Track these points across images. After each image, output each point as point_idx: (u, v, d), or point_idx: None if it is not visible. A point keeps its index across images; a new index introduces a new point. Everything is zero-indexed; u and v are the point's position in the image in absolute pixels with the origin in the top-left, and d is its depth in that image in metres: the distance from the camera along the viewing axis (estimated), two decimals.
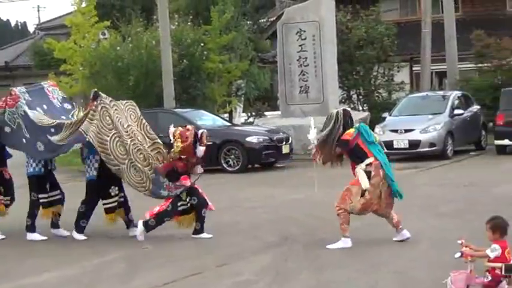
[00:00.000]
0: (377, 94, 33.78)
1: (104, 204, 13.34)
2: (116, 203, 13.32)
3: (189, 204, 12.42)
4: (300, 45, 27.25)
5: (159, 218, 12.42)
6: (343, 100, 31.79)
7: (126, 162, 12.37)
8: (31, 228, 13.45)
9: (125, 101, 13.88)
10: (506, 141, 24.91)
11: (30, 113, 12.92)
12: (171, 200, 12.38)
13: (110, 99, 13.13)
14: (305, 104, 27.09)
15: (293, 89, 27.31)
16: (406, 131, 24.57)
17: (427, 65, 31.47)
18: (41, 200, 13.49)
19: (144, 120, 13.38)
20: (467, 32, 32.20)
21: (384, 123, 25.73)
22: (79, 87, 33.22)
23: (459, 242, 7.90)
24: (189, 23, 32.98)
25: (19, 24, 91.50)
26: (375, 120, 27.42)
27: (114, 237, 13.42)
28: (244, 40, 34.50)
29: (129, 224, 13.39)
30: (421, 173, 18.62)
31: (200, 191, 12.58)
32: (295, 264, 10.40)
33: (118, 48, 30.51)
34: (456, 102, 26.33)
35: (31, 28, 65.12)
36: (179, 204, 12.39)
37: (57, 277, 10.53)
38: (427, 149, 24.14)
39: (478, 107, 27.39)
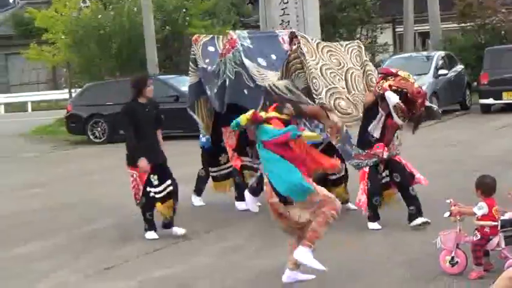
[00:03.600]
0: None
1: (212, 172, 12.32)
2: (226, 171, 12.18)
3: (388, 178, 10.04)
4: (282, 9, 26.94)
5: (370, 205, 9.72)
6: None
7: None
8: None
9: (348, 42, 11.45)
10: (490, 100, 24.94)
11: (247, 62, 10.78)
12: (366, 175, 9.80)
13: (309, 41, 10.65)
14: None
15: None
16: None
17: (410, 26, 31.44)
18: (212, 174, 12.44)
19: (368, 66, 10.85)
20: None
21: None
22: (62, 56, 33.26)
23: (447, 201, 8.02)
24: None
25: None
26: None
27: (105, 206, 12.70)
28: (226, 5, 34.57)
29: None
30: (406, 134, 18.65)
31: (404, 162, 10.03)
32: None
33: (100, 16, 30.41)
34: (440, 62, 26.18)
35: None
36: (379, 177, 9.93)
37: (48, 246, 10.31)
38: None
39: (462, 66, 27.36)
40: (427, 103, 10.04)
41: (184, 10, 30.96)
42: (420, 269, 8.26)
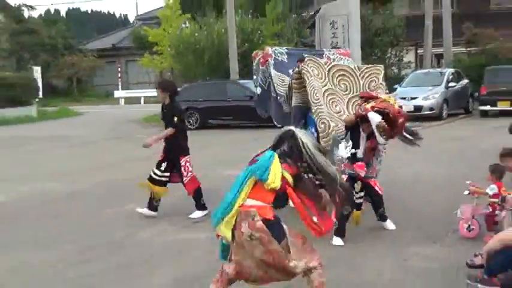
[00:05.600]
0: (390, 70, 33.52)
1: None
2: None
3: (362, 199, 8.37)
4: (332, 33, 26.70)
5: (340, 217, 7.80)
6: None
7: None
8: None
9: (366, 66, 9.71)
10: (488, 107, 24.92)
11: (273, 73, 9.63)
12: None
13: (321, 64, 9.15)
14: None
15: None
16: (412, 98, 24.57)
17: (429, 49, 31.10)
18: None
19: (379, 89, 9.17)
20: (460, 24, 31.81)
21: (395, 92, 25.61)
22: (167, 64, 33.73)
23: (467, 182, 8.38)
24: (249, 16, 32.99)
25: (122, 16, 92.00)
26: (388, 91, 27.28)
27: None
28: (290, 29, 34.48)
29: None
30: (423, 130, 18.39)
31: (376, 188, 8.24)
32: None
33: (196, 34, 30.54)
34: (450, 77, 26.10)
35: (131, 19, 64.94)
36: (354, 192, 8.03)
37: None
38: (427, 112, 24.07)
39: (467, 81, 27.08)
40: (406, 133, 8.21)
41: (259, 32, 31.10)
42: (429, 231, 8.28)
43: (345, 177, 7.94)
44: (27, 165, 16.36)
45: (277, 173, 5.16)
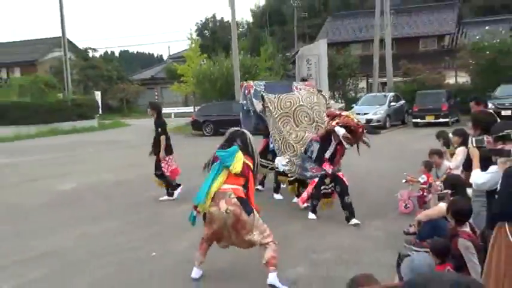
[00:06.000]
0: (349, 94, 33.47)
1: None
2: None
3: (330, 190, 7.97)
4: (308, 67, 26.54)
5: (311, 202, 8.13)
6: (330, 97, 31.42)
7: (282, 141, 8.51)
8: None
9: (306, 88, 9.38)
10: (418, 120, 24.65)
11: (254, 101, 9.15)
12: (314, 184, 8.15)
13: (272, 99, 8.82)
14: None
15: None
16: (365, 113, 24.35)
17: (376, 78, 31.01)
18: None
19: (317, 107, 8.88)
20: (398, 61, 31.75)
21: (353, 109, 25.57)
22: (190, 89, 33.63)
23: (405, 173, 8.71)
24: (248, 55, 33.01)
25: (158, 55, 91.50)
26: (347, 108, 27.28)
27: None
28: (278, 64, 34.49)
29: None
30: (373, 136, 18.37)
31: (344, 178, 7.90)
32: None
33: (211, 68, 30.51)
34: (391, 98, 25.93)
35: (165, 58, 64.92)
36: (322, 188, 7.93)
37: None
38: (375, 123, 23.87)
39: (403, 101, 26.85)
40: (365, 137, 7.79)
41: (256, 66, 31.09)
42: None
43: (316, 179, 8.08)
44: (89, 162, 16.32)
45: (238, 162, 5.22)
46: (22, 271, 6.33)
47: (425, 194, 8.02)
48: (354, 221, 7.59)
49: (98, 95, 40.24)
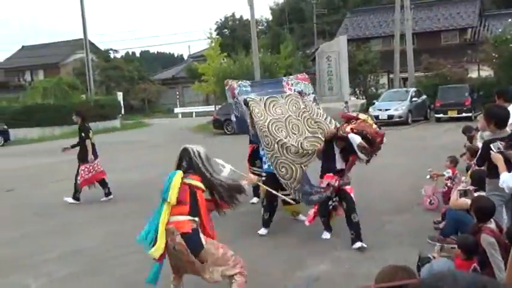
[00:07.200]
0: (370, 90, 33.23)
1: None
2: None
3: (337, 203, 6.68)
4: (328, 64, 26.81)
5: (322, 222, 6.88)
6: (351, 93, 31.27)
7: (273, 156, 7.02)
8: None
9: (287, 93, 7.88)
10: (441, 115, 24.47)
11: (241, 99, 7.84)
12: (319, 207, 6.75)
13: (257, 101, 7.50)
14: (329, 96, 26.41)
15: (324, 88, 26.82)
16: (386, 109, 24.26)
17: (397, 74, 30.81)
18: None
19: (306, 113, 7.51)
20: (419, 56, 31.41)
21: (374, 105, 25.49)
22: (210, 88, 33.58)
23: (429, 169, 8.63)
24: (268, 53, 32.97)
25: (179, 55, 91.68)
26: (369, 105, 27.13)
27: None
28: (298, 62, 34.39)
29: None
30: (395, 132, 18.20)
31: (351, 194, 6.57)
32: None
33: (231, 67, 30.56)
34: (413, 94, 25.70)
35: (185, 57, 65.22)
36: (329, 203, 6.67)
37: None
38: (397, 119, 23.71)
39: (425, 96, 26.61)
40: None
41: (276, 64, 31.00)
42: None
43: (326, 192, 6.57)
44: (112, 161, 16.45)
45: (173, 190, 4.46)
46: (50, 269, 6.45)
47: (450, 186, 7.89)
48: (358, 244, 6.38)
49: (119, 95, 40.61)
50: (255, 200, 8.99)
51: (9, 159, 19.56)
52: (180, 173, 4.58)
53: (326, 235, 6.85)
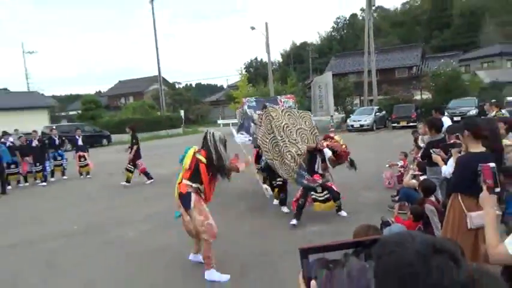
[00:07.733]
0: (347, 108, 32.77)
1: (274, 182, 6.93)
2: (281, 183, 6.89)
3: (326, 197, 6.02)
4: (319, 91, 26.53)
5: (298, 206, 5.92)
6: (335, 110, 30.86)
7: (278, 159, 6.36)
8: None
9: (301, 111, 7.32)
10: (395, 124, 23.81)
11: (247, 111, 7.69)
12: (303, 190, 6.02)
13: (277, 109, 6.83)
14: (320, 112, 26.01)
15: (316, 106, 26.52)
16: (358, 120, 23.93)
17: (366, 97, 30.29)
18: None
19: (316, 130, 6.83)
20: (381, 85, 30.91)
21: (350, 118, 25.24)
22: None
23: (388, 160, 8.29)
24: (279, 84, 32.78)
25: (220, 85, 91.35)
26: (347, 117, 26.77)
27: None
28: (299, 89, 34.13)
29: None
30: (365, 136, 18.01)
31: (333, 187, 6.14)
32: None
33: (254, 93, 30.19)
34: (377, 110, 25.24)
35: (225, 86, 65.17)
36: (311, 193, 5.97)
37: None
38: (366, 127, 23.33)
39: (385, 112, 26.18)
40: (350, 160, 6.23)
41: (284, 91, 30.44)
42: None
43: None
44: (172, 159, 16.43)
45: (187, 158, 4.18)
46: (138, 226, 6.56)
47: (403, 172, 7.75)
48: (342, 213, 6.23)
49: (182, 112, 40.72)
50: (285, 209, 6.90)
51: (111, 154, 19.91)
52: (194, 148, 4.29)
53: (293, 221, 5.91)
